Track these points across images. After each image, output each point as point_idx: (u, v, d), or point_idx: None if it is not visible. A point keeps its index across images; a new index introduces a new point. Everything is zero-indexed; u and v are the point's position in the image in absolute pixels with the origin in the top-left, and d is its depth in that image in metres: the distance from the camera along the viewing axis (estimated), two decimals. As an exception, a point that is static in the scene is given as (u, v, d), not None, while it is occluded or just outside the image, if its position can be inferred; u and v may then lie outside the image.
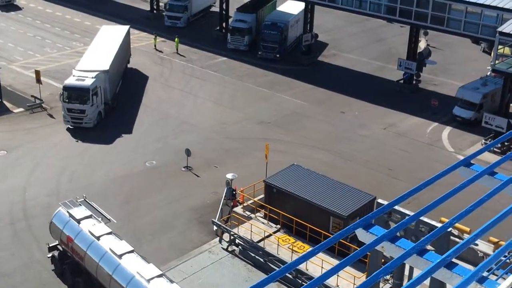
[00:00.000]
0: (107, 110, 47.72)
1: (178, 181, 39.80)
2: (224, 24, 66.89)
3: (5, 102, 49.85)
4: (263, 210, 34.76)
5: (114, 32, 56.08)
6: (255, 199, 35.30)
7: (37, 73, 50.74)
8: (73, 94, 45.04)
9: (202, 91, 53.53)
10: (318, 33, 63.39)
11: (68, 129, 45.55)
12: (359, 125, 48.34)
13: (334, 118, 49.45)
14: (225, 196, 36.20)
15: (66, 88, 45.29)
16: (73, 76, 46.23)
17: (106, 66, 47.64)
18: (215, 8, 72.21)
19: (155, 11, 73.57)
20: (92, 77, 45.82)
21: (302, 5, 61.71)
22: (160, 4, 73.64)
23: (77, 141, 43.98)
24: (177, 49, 61.86)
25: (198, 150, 42.30)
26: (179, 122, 47.69)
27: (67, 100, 44.98)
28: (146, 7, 75.21)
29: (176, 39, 62.13)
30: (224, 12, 66.77)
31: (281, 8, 66.21)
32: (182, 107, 50.31)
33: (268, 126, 47.60)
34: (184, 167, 41.05)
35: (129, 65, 57.41)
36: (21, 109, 48.19)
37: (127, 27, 57.70)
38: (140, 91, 52.89)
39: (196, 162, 41.39)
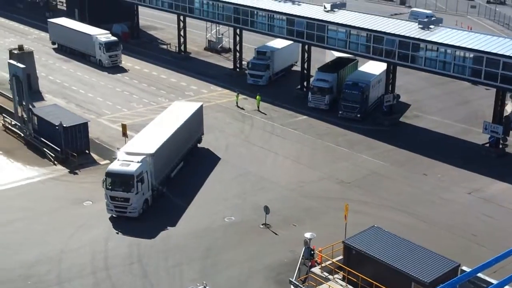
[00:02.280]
0: (155, 196, 43.72)
1: (256, 238, 39.68)
2: (305, 83, 67.61)
3: (92, 154, 51.71)
4: (342, 272, 34.00)
5: (183, 108, 52.24)
6: (334, 260, 34.65)
7: (124, 127, 52.58)
8: (117, 180, 41.11)
9: (282, 149, 53.78)
10: (400, 94, 62.92)
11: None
12: (442, 189, 47.05)
13: (415, 180, 48.39)
14: (303, 255, 35.75)
15: (109, 174, 41.36)
16: (118, 160, 42.46)
17: (152, 149, 43.29)
18: (297, 67, 73.22)
19: (238, 69, 75.35)
20: (138, 162, 41.71)
21: (384, 66, 61.67)
22: (243, 62, 75.35)
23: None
24: (258, 107, 62.78)
25: (276, 207, 42.20)
26: (258, 178, 47.91)
27: (110, 187, 41.32)
28: (230, 65, 77.21)
29: (257, 97, 63.15)
30: (305, 71, 67.58)
31: (363, 68, 66.36)
32: (261, 164, 50.61)
33: (348, 186, 47.07)
34: (262, 224, 40.97)
35: (201, 144, 53.68)
36: (107, 161, 49.62)
37: (199, 104, 53.74)
38: (203, 174, 48.41)
39: (275, 220, 41.24)
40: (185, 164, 49.10)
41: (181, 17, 79.95)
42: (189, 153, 50.55)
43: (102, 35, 77.39)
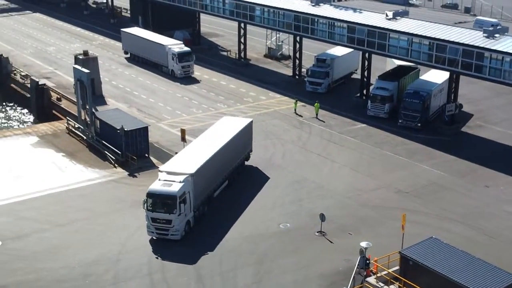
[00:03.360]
0: (196, 217, 41.68)
1: (310, 246, 39.41)
2: (364, 91, 66.97)
3: (151, 158, 52.58)
4: (398, 283, 33.41)
5: (231, 125, 49.59)
6: (390, 270, 34.08)
7: (183, 131, 53.30)
8: (158, 201, 39.12)
9: (339, 157, 53.33)
10: (463, 103, 61.51)
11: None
12: (505, 201, 45.64)
13: (477, 192, 47.12)
14: (358, 264, 35.30)
15: (150, 195, 39.19)
16: (159, 180, 40.38)
17: (192, 169, 40.89)
18: (357, 75, 72.65)
19: (297, 77, 75.33)
20: (180, 182, 39.59)
21: (446, 75, 60.46)
22: (303, 69, 75.27)
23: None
24: (316, 114, 62.53)
25: (333, 215, 41.84)
26: (315, 186, 47.63)
27: (151, 209, 39.24)
28: (289, 72, 77.29)
29: (316, 104, 62.90)
30: (365, 79, 66.95)
31: (425, 77, 65.22)
32: (318, 171, 50.30)
33: (406, 195, 46.24)
34: (317, 232, 40.68)
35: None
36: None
37: (248, 120, 51.31)
38: (248, 194, 45.94)
39: (330, 228, 40.88)
40: (230, 184, 46.89)
41: (242, 24, 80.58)
42: (235, 171, 48.00)
43: (175, 45, 76.74)
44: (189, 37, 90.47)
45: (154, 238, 39.62)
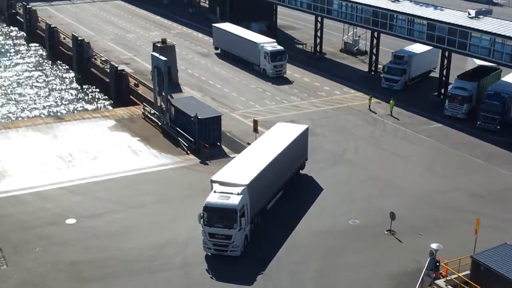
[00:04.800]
0: (252, 231, 39.11)
1: (379, 244, 38.88)
2: (442, 90, 65.38)
3: (223, 147, 53.10)
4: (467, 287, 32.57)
5: (286, 132, 46.85)
6: (460, 274, 33.24)
7: (255, 122, 53.53)
8: (217, 215, 36.40)
9: (413, 156, 52.28)
10: (546, 107, 59.14)
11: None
12: None
13: (557, 200, 45.25)
14: (427, 266, 34.54)
15: (208, 209, 36.42)
16: (215, 192, 37.45)
17: (246, 180, 38.20)
18: (435, 74, 71.03)
19: (373, 73, 74.33)
20: (238, 194, 36.81)
21: (530, 77, 58.28)
22: (379, 66, 74.17)
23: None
24: (391, 111, 61.49)
25: (403, 214, 41.08)
26: (387, 183, 46.91)
27: (209, 223, 36.55)
28: (365, 68, 76.35)
29: (391, 101, 61.86)
30: (444, 78, 65.35)
31: (507, 78, 63.03)
32: (391, 169, 49.49)
33: (481, 199, 44.88)
34: (387, 231, 40.07)
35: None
36: (235, 155, 50.66)
37: (304, 127, 48.60)
38: (303, 204, 43.64)
39: (400, 227, 40.17)
40: (284, 194, 44.45)
41: (319, 18, 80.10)
42: (290, 181, 45.39)
43: (268, 43, 73.71)
44: (265, 29, 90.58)
45: (209, 254, 37.03)
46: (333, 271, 35.94)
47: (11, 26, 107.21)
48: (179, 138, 53.68)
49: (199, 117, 52.23)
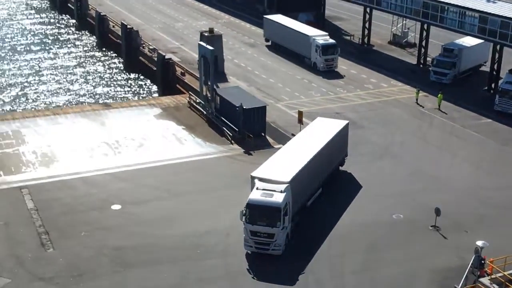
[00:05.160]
0: (293, 229, 38.17)
1: (423, 239, 38.35)
2: (493, 85, 63.91)
3: (267, 137, 53.07)
4: (514, 287, 31.83)
5: (326, 127, 45.98)
6: (506, 273, 32.52)
7: (300, 113, 53.33)
8: (260, 213, 35.60)
9: (461, 151, 51.31)
10: None
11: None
12: None
13: None
14: (472, 263, 33.87)
15: (251, 206, 35.63)
16: (257, 189, 36.59)
17: (287, 176, 37.46)
18: (486, 68, 69.47)
19: (421, 65, 73.13)
20: (281, 191, 36.04)
21: None
22: (428, 59, 72.92)
23: None
24: (439, 106, 60.41)
25: (449, 210, 40.35)
26: (432, 178, 46.17)
27: (251, 221, 35.74)
28: (413, 60, 75.16)
29: (439, 95, 60.78)
30: (494, 73, 63.87)
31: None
32: (437, 164, 48.68)
33: (530, 197, 43.83)
34: (431, 226, 39.47)
35: (343, 168, 47.71)
36: (280, 146, 50.59)
37: (344, 122, 47.55)
38: (346, 198, 43.31)
39: (445, 223, 39.50)
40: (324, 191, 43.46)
41: (368, 9, 79.13)
42: (329, 178, 44.59)
43: (320, 36, 71.92)
44: (312, 19, 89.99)
45: (249, 252, 36.40)
46: (375, 265, 35.61)
47: (62, 14, 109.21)
48: (224, 128, 53.90)
49: (244, 107, 52.30)
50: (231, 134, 52.81)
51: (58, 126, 55.64)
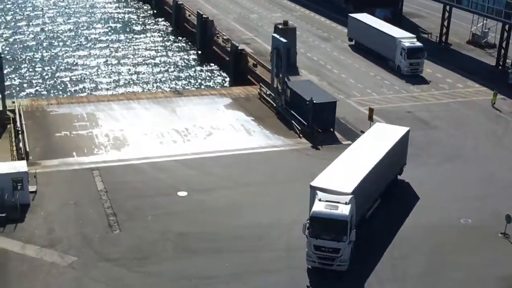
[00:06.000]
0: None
1: (491, 246, 37.17)
2: None
3: (336, 133, 52.60)
4: None
5: (386, 133, 43.79)
6: None
7: (371, 110, 52.60)
8: (325, 227, 33.47)
9: (537, 158, 49.45)
10: None
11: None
12: None
13: None
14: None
15: (316, 219, 33.56)
16: (320, 200, 34.43)
17: (349, 187, 35.35)
18: None
19: (500, 67, 70.73)
20: (346, 203, 33.89)
21: None
22: (507, 60, 70.43)
23: None
24: (516, 109, 58.41)
25: (520, 218, 38.95)
26: (505, 184, 44.62)
27: (315, 235, 33.62)
28: (492, 62, 72.79)
29: (517, 99, 58.73)
30: None
31: None
32: (510, 170, 46.99)
33: None
34: (501, 233, 38.17)
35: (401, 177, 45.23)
36: (349, 142, 49.98)
37: (405, 129, 44.79)
38: (411, 200, 42.07)
39: (516, 231, 38.23)
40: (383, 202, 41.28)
41: (447, 7, 77.07)
42: (388, 188, 42.35)
43: (407, 39, 68.18)
44: (389, 16, 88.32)
45: (309, 267, 34.42)
46: (440, 269, 34.80)
47: (140, 2, 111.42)
48: (293, 121, 53.76)
49: (314, 101, 51.98)
50: (299, 128, 52.63)
51: (131, 111, 56.93)
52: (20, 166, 40.44)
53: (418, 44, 68.37)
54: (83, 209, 39.73)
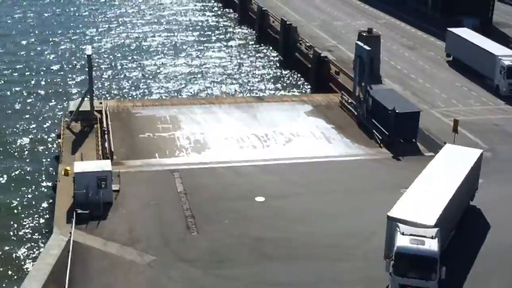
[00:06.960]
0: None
1: None
2: None
3: (418, 144, 51.41)
4: None
5: (460, 157, 40.58)
6: None
7: (456, 122, 51.06)
8: (412, 264, 30.64)
9: None
10: None
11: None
12: None
13: None
14: None
15: (400, 255, 30.62)
16: (403, 234, 31.35)
17: (431, 218, 32.82)
18: None
19: None
20: (433, 237, 31.11)
21: None
22: None
23: None
24: None
25: None
26: None
27: (401, 273, 30.74)
28: None
29: None
30: None
31: None
32: None
33: None
34: None
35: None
36: (431, 154, 48.68)
37: (479, 151, 41.96)
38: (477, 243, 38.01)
39: None
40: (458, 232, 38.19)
41: (541, 17, 73.86)
42: (463, 216, 39.28)
43: (507, 57, 64.06)
44: (478, 26, 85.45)
45: None
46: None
47: (226, 8, 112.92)
48: (374, 130, 52.96)
49: (396, 111, 51.03)
50: (380, 138, 51.77)
51: (212, 115, 57.70)
52: (105, 165, 41.75)
53: None
54: (162, 210, 40.54)
